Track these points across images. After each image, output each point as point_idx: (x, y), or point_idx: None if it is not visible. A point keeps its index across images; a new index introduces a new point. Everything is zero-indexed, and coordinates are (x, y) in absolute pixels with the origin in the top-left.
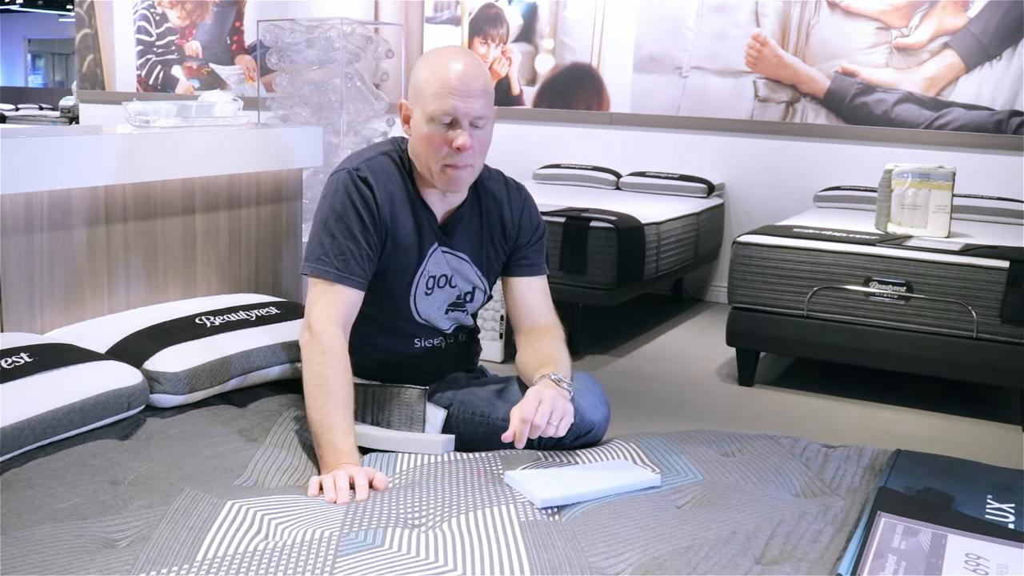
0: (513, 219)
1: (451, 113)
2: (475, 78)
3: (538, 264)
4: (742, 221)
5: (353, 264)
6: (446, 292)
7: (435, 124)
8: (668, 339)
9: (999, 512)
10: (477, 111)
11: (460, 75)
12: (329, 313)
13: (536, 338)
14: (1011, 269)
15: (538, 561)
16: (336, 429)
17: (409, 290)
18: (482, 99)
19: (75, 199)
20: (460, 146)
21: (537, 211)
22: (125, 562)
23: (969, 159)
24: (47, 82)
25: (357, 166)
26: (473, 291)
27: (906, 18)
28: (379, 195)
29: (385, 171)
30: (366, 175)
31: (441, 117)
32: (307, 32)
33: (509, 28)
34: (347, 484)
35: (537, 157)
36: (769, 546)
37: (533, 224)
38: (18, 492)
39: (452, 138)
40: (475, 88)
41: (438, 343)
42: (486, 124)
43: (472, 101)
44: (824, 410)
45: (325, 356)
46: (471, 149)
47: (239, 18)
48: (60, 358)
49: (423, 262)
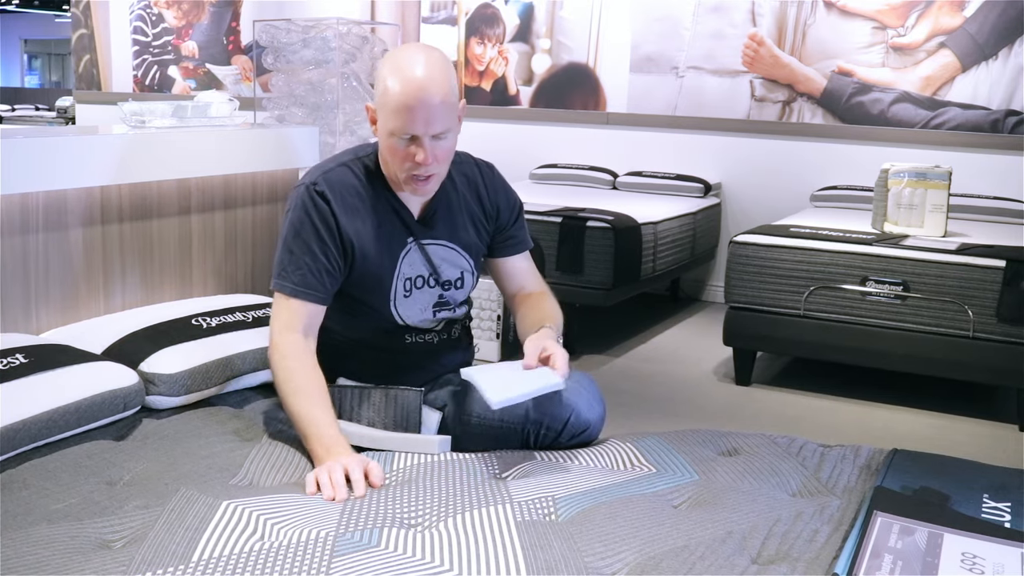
0: (490, 197)
1: (408, 131)
2: (435, 92)
3: (522, 240)
4: (739, 221)
5: (311, 279)
6: (426, 293)
7: (396, 138)
8: (665, 339)
9: (995, 511)
10: (437, 127)
11: (419, 93)
12: (289, 325)
13: (533, 302)
14: (1007, 268)
15: (534, 561)
16: (318, 423)
17: (388, 295)
18: (442, 113)
19: (71, 200)
20: (420, 160)
21: (510, 187)
22: (120, 563)
23: (965, 158)
24: (43, 83)
25: (315, 180)
26: (462, 275)
27: (902, 18)
28: (336, 208)
29: (343, 182)
30: (323, 189)
31: (400, 133)
32: (303, 32)
33: (506, 28)
34: (343, 478)
35: (534, 157)
36: (765, 546)
37: (510, 201)
38: (13, 493)
39: (413, 153)
40: (434, 104)
41: (430, 339)
42: (448, 134)
43: (432, 120)
44: (821, 410)
45: (285, 361)
46: (433, 162)
47: (235, 18)
48: (56, 359)
49: (396, 266)
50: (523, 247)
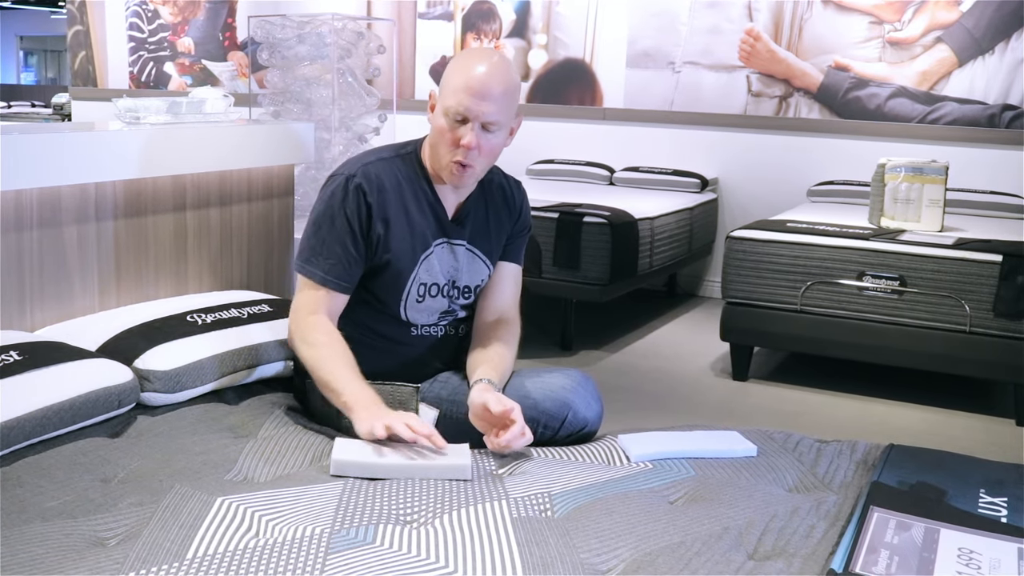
0: (516, 210)
1: (462, 111)
2: (496, 82)
3: (518, 251)
4: (735, 216)
5: (340, 269)
6: (438, 301)
7: (448, 118)
8: (662, 334)
9: (992, 506)
10: (489, 114)
11: (481, 76)
12: (314, 309)
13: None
14: (1004, 263)
15: (530, 558)
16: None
17: (401, 296)
18: (498, 103)
19: (66, 196)
20: (466, 144)
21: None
22: (115, 560)
23: (962, 153)
24: (39, 79)
25: (354, 172)
26: (481, 283)
27: (899, 12)
28: (372, 202)
29: (381, 177)
30: (360, 182)
31: (453, 113)
32: (298, 28)
33: (502, 23)
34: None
35: (530, 152)
36: (762, 541)
37: (526, 220)
38: (8, 491)
39: (460, 135)
40: (492, 91)
41: (435, 332)
42: (498, 129)
43: (485, 103)
44: (817, 405)
45: (316, 333)
46: (476, 150)
47: (231, 14)
48: (50, 356)
49: (415, 269)
50: (513, 256)
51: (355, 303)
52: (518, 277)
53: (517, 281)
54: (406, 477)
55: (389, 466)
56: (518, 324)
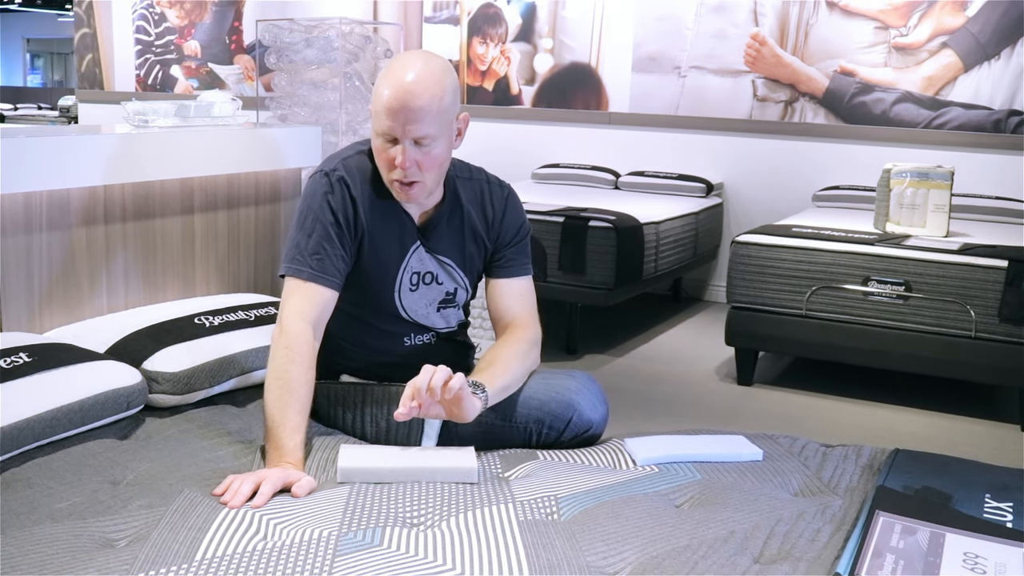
0: (495, 217)
1: (389, 133)
2: (418, 96)
3: (520, 265)
4: (741, 221)
5: (328, 264)
6: (433, 289)
7: (380, 139)
8: (667, 339)
9: (997, 511)
10: (417, 131)
11: (400, 94)
12: (301, 310)
13: (501, 338)
14: (1009, 268)
15: (536, 561)
16: (286, 426)
17: (393, 287)
18: (424, 118)
19: (74, 199)
20: (399, 164)
21: (521, 210)
22: (124, 562)
23: (967, 158)
24: (46, 82)
25: (334, 166)
26: (455, 291)
27: (904, 17)
28: (356, 195)
29: (362, 170)
30: (342, 175)
31: (382, 134)
32: (306, 32)
33: (508, 28)
34: (250, 490)
35: (536, 157)
36: (767, 545)
37: (516, 223)
38: (17, 492)
39: (393, 156)
40: (414, 107)
41: (428, 339)
42: (433, 141)
43: (411, 124)
44: (823, 409)
45: (289, 351)
46: (412, 167)
47: (238, 17)
48: (59, 358)
49: (405, 259)
50: (515, 272)
51: (349, 316)
52: (525, 289)
53: (525, 293)
54: (413, 481)
55: (396, 470)
56: (532, 331)
